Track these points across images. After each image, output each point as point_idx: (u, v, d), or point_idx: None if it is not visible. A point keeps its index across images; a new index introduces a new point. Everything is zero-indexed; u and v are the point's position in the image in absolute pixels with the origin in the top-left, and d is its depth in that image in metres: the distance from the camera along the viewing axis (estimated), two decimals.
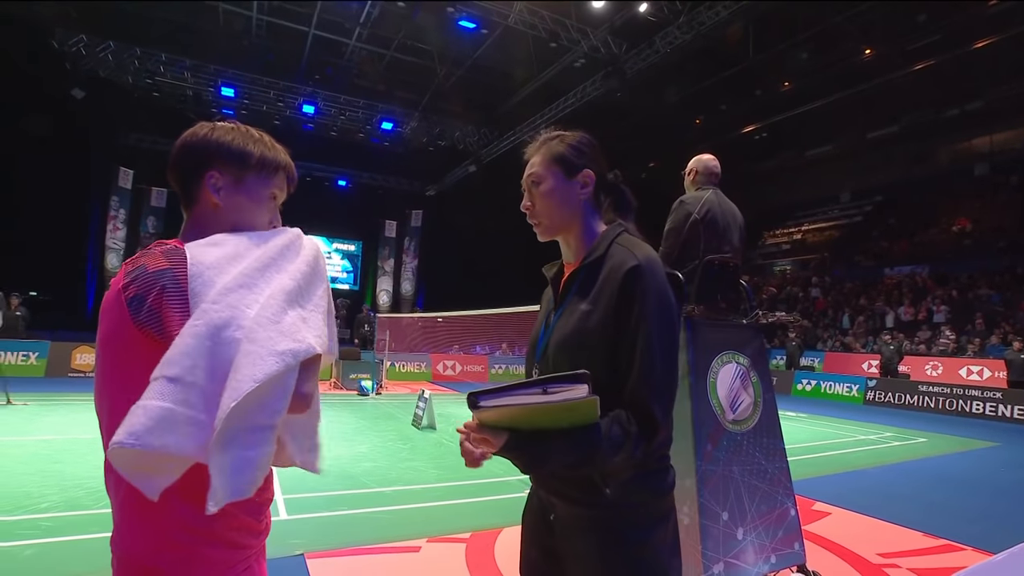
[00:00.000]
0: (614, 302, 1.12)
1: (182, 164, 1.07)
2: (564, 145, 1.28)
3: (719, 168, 3.26)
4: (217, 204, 1.06)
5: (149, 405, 0.83)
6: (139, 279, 0.91)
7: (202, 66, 14.91)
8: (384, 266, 24.35)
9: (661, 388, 1.10)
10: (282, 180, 1.14)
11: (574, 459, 1.06)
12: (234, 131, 1.10)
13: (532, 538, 1.30)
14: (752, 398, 3.02)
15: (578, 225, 1.27)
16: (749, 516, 2.82)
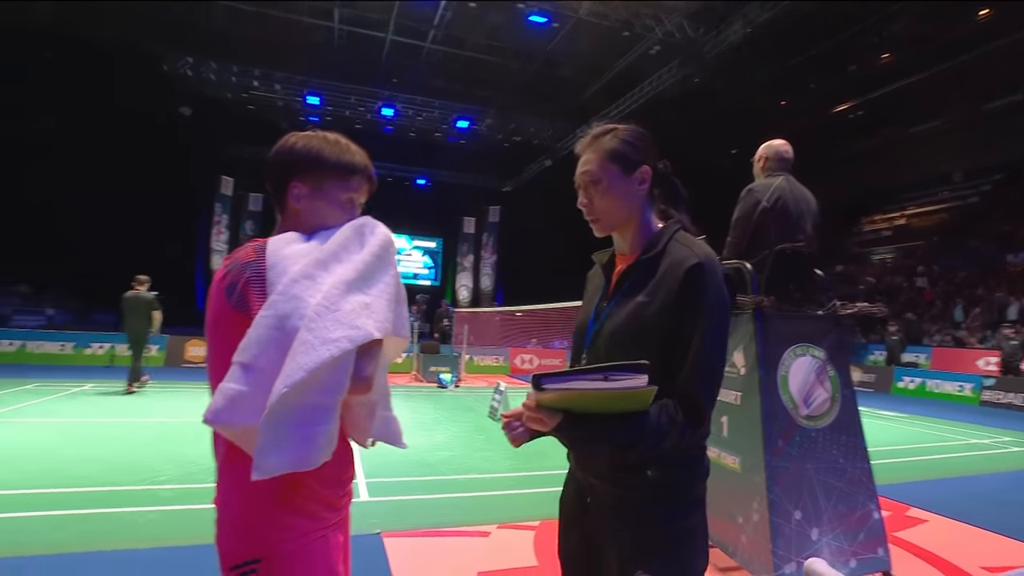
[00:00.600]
0: (673, 297, 1.16)
1: (271, 175, 1.21)
2: (618, 140, 1.27)
3: (791, 153, 3.12)
4: (298, 210, 1.18)
5: (225, 387, 0.95)
6: (233, 270, 1.06)
7: (290, 78, 15.94)
8: (463, 262, 24.94)
9: (710, 382, 1.15)
10: (359, 182, 1.23)
11: (621, 443, 1.11)
12: (313, 140, 1.20)
13: (570, 523, 1.35)
14: (829, 393, 2.89)
15: (636, 220, 1.29)
16: (825, 516, 2.70)
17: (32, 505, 3.62)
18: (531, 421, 1.13)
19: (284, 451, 0.95)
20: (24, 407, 6.81)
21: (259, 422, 0.94)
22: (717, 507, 2.94)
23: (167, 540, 3.17)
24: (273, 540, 1.05)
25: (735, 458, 2.86)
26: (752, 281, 2.90)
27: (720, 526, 2.90)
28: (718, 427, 3.04)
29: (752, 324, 2.85)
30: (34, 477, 4.16)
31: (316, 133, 1.23)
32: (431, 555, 3.17)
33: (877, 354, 14.98)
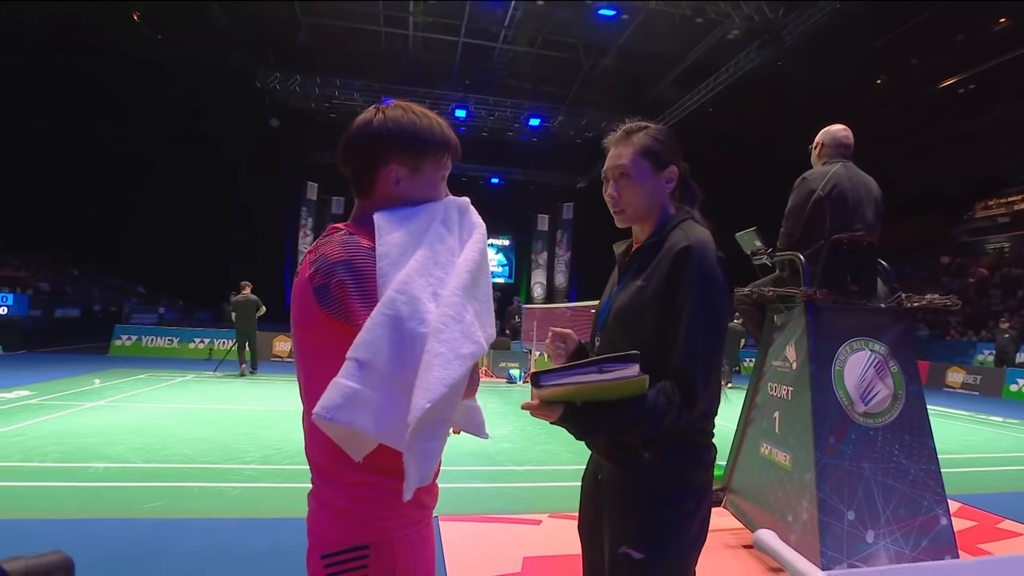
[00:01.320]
0: (664, 280, 1.23)
1: (359, 155, 1.08)
2: (651, 138, 1.34)
3: (851, 139, 2.97)
4: (397, 195, 1.07)
5: (341, 383, 0.88)
6: (321, 269, 0.97)
7: (368, 85, 16.71)
8: (538, 259, 25.06)
9: (702, 361, 1.18)
10: (450, 159, 1.14)
11: (621, 427, 1.18)
12: (405, 114, 1.08)
13: (587, 496, 1.45)
14: (891, 390, 2.73)
15: (656, 215, 1.36)
16: (883, 519, 2.57)
17: (138, 476, 4.12)
18: (537, 415, 1.18)
19: (419, 467, 0.93)
20: (136, 394, 7.67)
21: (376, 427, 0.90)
22: (768, 505, 2.87)
23: (250, 512, 3.54)
24: (385, 527, 1.01)
25: (786, 455, 2.78)
26: (804, 273, 2.80)
27: (770, 524, 2.82)
28: (771, 422, 2.96)
29: (804, 318, 2.75)
30: (141, 453, 4.71)
31: (400, 104, 1.10)
32: (482, 539, 3.31)
33: (986, 353, 13.59)
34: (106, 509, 3.49)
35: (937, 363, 14.14)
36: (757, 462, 3.03)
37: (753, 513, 3.01)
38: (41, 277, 17.50)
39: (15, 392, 7.30)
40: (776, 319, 3.04)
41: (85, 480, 4.01)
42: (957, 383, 13.12)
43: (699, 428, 1.27)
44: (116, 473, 4.19)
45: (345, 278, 0.95)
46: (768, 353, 3.05)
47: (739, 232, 3.16)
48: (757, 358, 3.18)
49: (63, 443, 4.92)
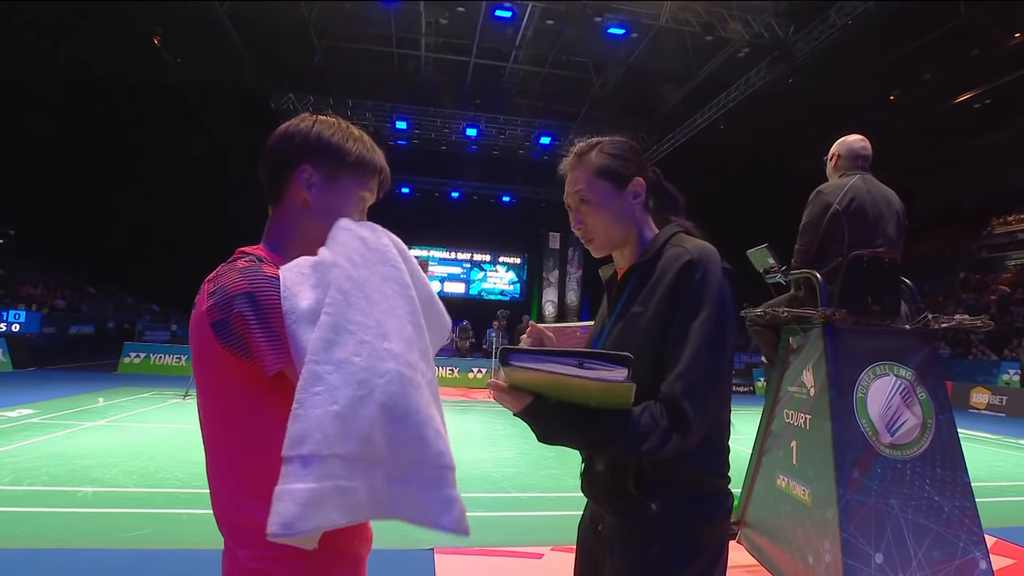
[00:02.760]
0: (665, 300, 1.07)
1: (276, 155, 1.01)
2: (605, 155, 1.21)
3: (868, 150, 2.81)
4: (307, 200, 0.99)
5: (292, 489, 0.73)
6: (220, 303, 0.86)
7: (380, 105, 16.85)
8: (549, 277, 24.90)
9: (697, 386, 1.01)
10: (375, 184, 1.07)
11: (596, 439, 1.03)
12: (335, 126, 1.03)
13: (584, 550, 1.29)
14: (919, 419, 2.52)
15: (634, 235, 1.22)
16: (915, 563, 2.34)
17: (127, 502, 3.98)
18: (500, 399, 1.05)
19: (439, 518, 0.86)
20: (138, 413, 7.58)
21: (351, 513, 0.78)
22: (786, 542, 2.65)
23: None
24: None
25: (805, 488, 2.57)
26: (822, 291, 2.62)
27: (789, 564, 2.60)
28: (787, 452, 2.76)
29: (822, 340, 2.56)
30: (133, 477, 4.58)
31: (332, 119, 1.04)
32: (479, 574, 3.11)
33: (1011, 373, 13.12)
34: (88, 538, 3.34)
35: (960, 383, 13.68)
36: (773, 495, 2.82)
37: (769, 550, 2.79)
38: (58, 295, 17.69)
39: (17, 411, 7.24)
40: (792, 341, 2.85)
41: (72, 506, 3.88)
42: (982, 404, 12.65)
43: (716, 473, 1.11)
44: (105, 498, 4.05)
45: (245, 311, 0.84)
46: (783, 377, 2.86)
47: (751, 249, 2.99)
48: (771, 382, 2.98)
49: (56, 465, 4.80)
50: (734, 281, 1.10)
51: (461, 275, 24.71)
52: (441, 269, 24.39)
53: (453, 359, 14.45)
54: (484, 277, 25.04)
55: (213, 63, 15.20)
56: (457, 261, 24.70)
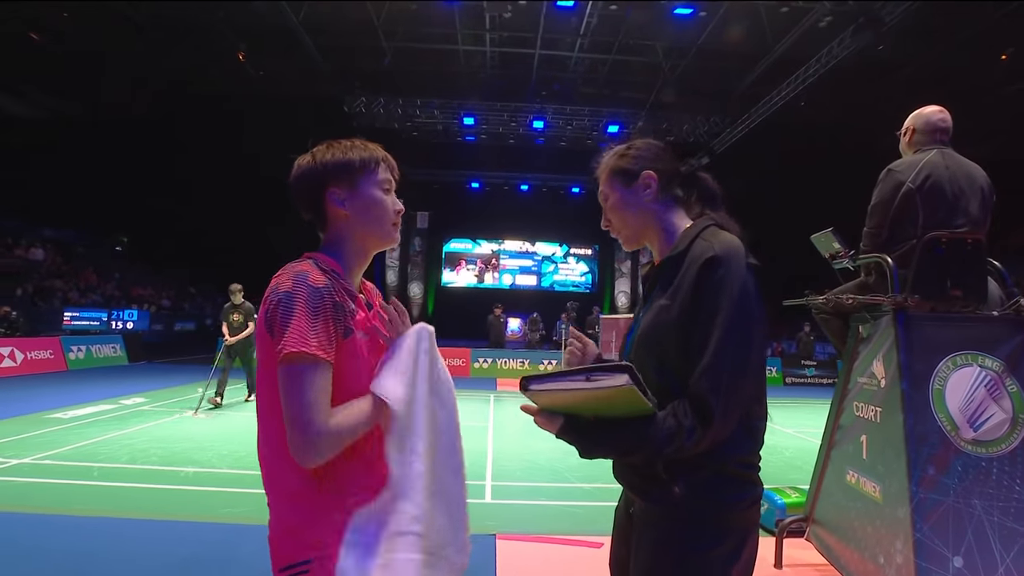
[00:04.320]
0: (689, 295, 1.10)
1: (304, 193, 1.22)
2: (616, 157, 1.32)
3: (948, 122, 2.60)
4: (346, 214, 1.20)
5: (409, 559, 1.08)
6: (269, 296, 1.08)
7: (447, 103, 17.18)
8: (621, 268, 24.52)
9: (724, 383, 1.04)
10: (385, 170, 1.26)
11: (626, 447, 1.09)
12: (332, 149, 1.23)
13: (619, 533, 1.34)
14: (1009, 413, 2.33)
15: (655, 226, 1.29)
16: (1002, 569, 2.17)
17: (222, 481, 4.37)
18: (537, 423, 1.13)
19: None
20: (231, 403, 8.24)
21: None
22: (856, 541, 2.53)
23: None
24: (324, 542, 1.08)
25: (876, 485, 2.43)
26: (893, 276, 2.46)
27: (859, 565, 2.48)
28: (857, 447, 2.62)
29: (893, 328, 2.41)
30: (227, 459, 5.02)
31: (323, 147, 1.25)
32: (538, 560, 3.18)
33: None
34: (190, 512, 3.72)
35: None
36: (843, 491, 2.69)
37: (839, 549, 2.66)
38: (164, 295, 19.45)
39: (132, 399, 8.09)
40: (861, 330, 2.69)
41: (177, 483, 4.32)
42: None
43: (741, 460, 1.12)
44: (203, 477, 4.47)
45: (281, 304, 1.05)
46: (853, 368, 2.71)
47: (815, 234, 2.85)
48: (841, 373, 2.83)
49: (164, 447, 5.35)
50: (760, 276, 1.11)
51: (533, 268, 24.83)
52: (512, 262, 24.63)
53: (524, 351, 14.60)
54: (556, 269, 25.02)
55: (291, 73, 16.08)
56: (528, 254, 24.83)
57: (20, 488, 4.09)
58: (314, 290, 1.06)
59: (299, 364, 1.01)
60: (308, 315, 1.04)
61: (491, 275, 24.38)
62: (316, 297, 1.06)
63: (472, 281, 24.18)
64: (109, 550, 3.11)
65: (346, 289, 1.16)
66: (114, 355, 12.93)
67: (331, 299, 1.08)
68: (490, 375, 13.39)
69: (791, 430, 7.47)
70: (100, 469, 4.59)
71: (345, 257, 1.22)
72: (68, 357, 11.61)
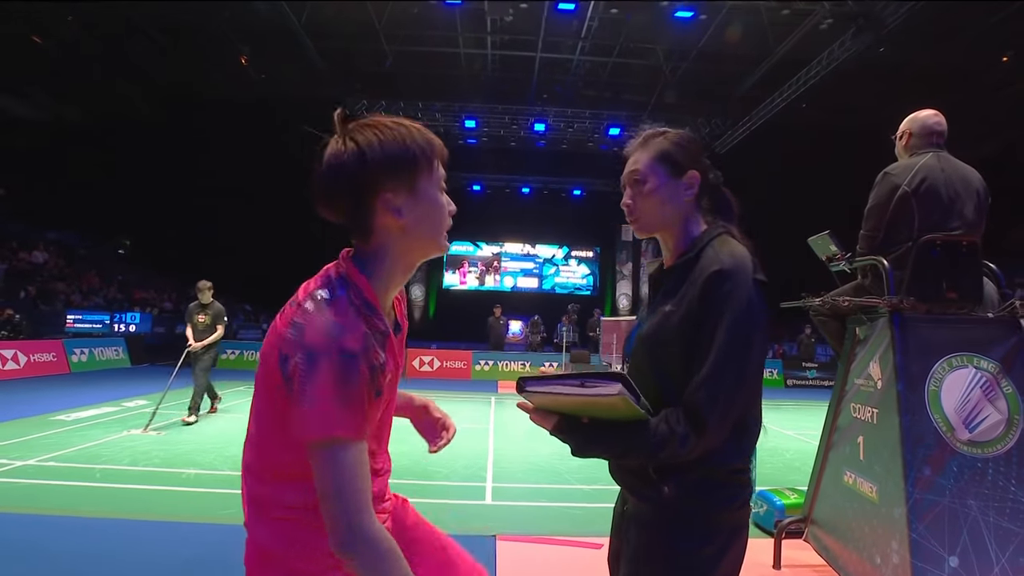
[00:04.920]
0: (694, 306, 1.11)
1: (344, 194, 0.94)
2: (669, 143, 1.24)
3: (943, 125, 2.62)
4: (402, 224, 0.95)
5: None
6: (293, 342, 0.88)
7: (449, 106, 17.24)
8: (623, 270, 24.54)
9: (721, 395, 1.06)
10: (441, 163, 1.02)
11: (618, 449, 1.10)
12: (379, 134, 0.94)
13: (614, 527, 1.36)
14: (1004, 414, 2.34)
15: (678, 226, 1.25)
16: (997, 569, 2.19)
17: (222, 483, 4.39)
18: (533, 419, 1.15)
19: None
20: (233, 404, 8.29)
21: None
22: (854, 542, 2.54)
23: None
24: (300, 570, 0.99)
25: (872, 485, 2.45)
26: (889, 279, 2.48)
27: (857, 565, 2.49)
28: (854, 448, 2.64)
29: (889, 330, 2.43)
30: (229, 461, 5.04)
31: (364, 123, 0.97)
32: (538, 561, 3.19)
33: None
34: (191, 513, 3.74)
35: None
36: (840, 492, 2.70)
37: (837, 550, 2.68)
38: (166, 298, 19.51)
39: (135, 401, 8.13)
40: (858, 331, 2.71)
41: (179, 485, 4.34)
42: None
43: (731, 468, 1.13)
44: (204, 479, 4.50)
45: (306, 366, 0.85)
46: (850, 370, 2.73)
47: (812, 236, 2.87)
48: (838, 375, 2.85)
49: (165, 449, 5.38)
50: (766, 291, 1.12)
51: (534, 270, 24.85)
52: (514, 265, 24.65)
53: (526, 353, 14.62)
54: (557, 272, 25.03)
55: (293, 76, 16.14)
56: (530, 256, 24.85)
57: (25, 489, 4.12)
58: (350, 360, 0.86)
59: (331, 447, 0.86)
60: (337, 390, 0.85)
61: (492, 277, 24.41)
62: (351, 369, 0.86)
63: (474, 283, 24.21)
64: (113, 551, 3.14)
65: (380, 330, 0.93)
66: (116, 358, 12.98)
67: (368, 365, 0.88)
68: (491, 377, 13.40)
69: (792, 432, 7.47)
70: (103, 471, 4.62)
71: (387, 276, 0.99)
72: (71, 360, 11.66)
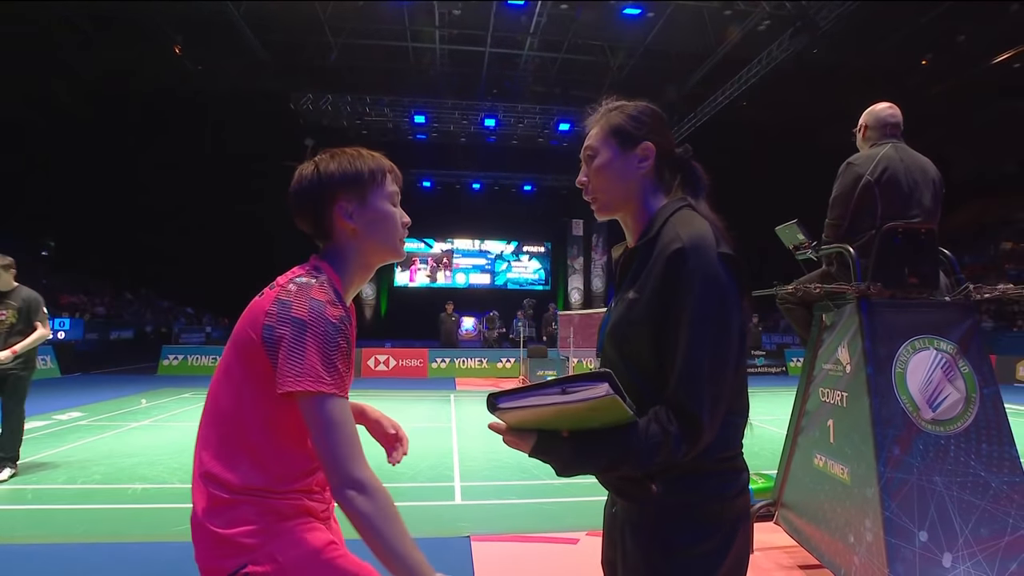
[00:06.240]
0: (656, 290, 1.03)
1: (308, 206, 1.17)
2: (623, 115, 1.17)
3: (898, 117, 2.72)
4: (354, 229, 1.16)
5: None
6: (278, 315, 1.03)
7: (397, 101, 16.91)
8: (574, 264, 24.82)
9: (705, 384, 0.97)
10: (393, 181, 1.23)
11: (608, 461, 0.99)
12: (338, 158, 1.18)
13: (606, 532, 1.28)
14: (962, 393, 2.45)
15: (635, 203, 1.17)
16: (962, 540, 2.28)
17: (173, 497, 4.12)
18: (509, 443, 1.04)
19: None
20: (179, 412, 7.84)
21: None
22: (826, 522, 2.61)
23: None
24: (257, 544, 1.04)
25: (844, 467, 2.52)
26: (855, 266, 2.55)
27: (829, 544, 2.56)
28: (824, 431, 2.71)
29: (857, 315, 2.50)
30: (178, 473, 4.74)
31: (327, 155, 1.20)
32: (516, 560, 3.14)
33: None
34: (140, 532, 3.49)
35: (1005, 356, 13.24)
36: (810, 475, 2.78)
37: (808, 531, 2.75)
38: (98, 302, 18.30)
39: (69, 414, 7.55)
40: (825, 318, 2.78)
41: (123, 502, 4.05)
42: None
43: (717, 456, 1.05)
44: (153, 494, 4.21)
45: (289, 335, 1.01)
46: (817, 355, 2.80)
47: (779, 226, 2.93)
48: (805, 361, 2.92)
49: (107, 464, 5.01)
50: (734, 264, 1.02)
51: (486, 266, 24.77)
52: (466, 261, 24.50)
53: (481, 350, 14.54)
54: (509, 268, 25.04)
55: (233, 67, 15.43)
56: (481, 252, 24.75)
57: None
58: (332, 327, 1.03)
59: (319, 400, 0.99)
60: (323, 351, 1.01)
61: (444, 274, 24.18)
62: (334, 334, 1.03)
63: (425, 281, 23.92)
64: None
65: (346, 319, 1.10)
66: (44, 367, 12.06)
67: (345, 336, 1.05)
68: (448, 375, 13.26)
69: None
70: (34, 491, 4.25)
71: (348, 273, 1.18)
72: None
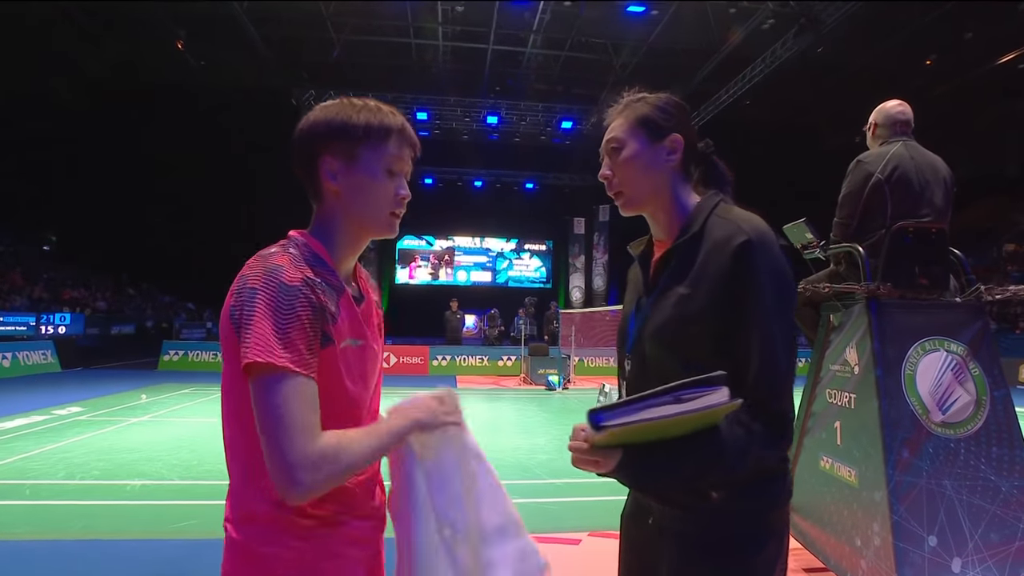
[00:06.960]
0: (722, 284, 0.98)
1: (298, 158, 1.02)
2: (649, 106, 1.12)
3: (908, 114, 2.67)
4: (337, 191, 0.99)
5: None
6: (236, 290, 0.92)
7: (400, 97, 16.83)
8: (575, 263, 24.76)
9: (784, 382, 0.96)
10: (398, 145, 1.02)
11: (694, 472, 0.95)
12: (335, 106, 1.01)
13: (630, 541, 1.20)
14: (973, 395, 2.41)
15: (666, 197, 1.12)
16: (971, 545, 2.25)
17: (172, 494, 4.10)
18: (584, 464, 0.95)
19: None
20: (179, 408, 7.82)
21: None
22: (832, 526, 2.57)
23: None
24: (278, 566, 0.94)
25: (851, 470, 2.48)
26: (864, 266, 2.51)
27: (836, 548, 2.53)
28: (831, 433, 2.67)
29: (866, 316, 2.46)
30: (177, 469, 4.72)
31: (332, 101, 1.03)
32: None
33: None
34: (138, 529, 3.46)
35: (1007, 359, 13.21)
36: (816, 477, 2.74)
37: (814, 534, 2.72)
38: (100, 297, 18.29)
39: (68, 409, 7.53)
40: (833, 318, 2.74)
41: (122, 498, 4.02)
42: None
43: (779, 455, 1.02)
44: (152, 491, 4.19)
45: (245, 303, 0.89)
46: (825, 356, 2.76)
47: (787, 224, 2.89)
48: (812, 361, 2.88)
49: (105, 460, 4.99)
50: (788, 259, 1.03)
51: (487, 264, 24.74)
52: (467, 259, 24.46)
53: (482, 348, 14.51)
54: (510, 265, 25.00)
55: (235, 63, 15.40)
56: (483, 249, 24.71)
57: None
58: (285, 289, 0.89)
59: (268, 376, 0.85)
60: (275, 319, 0.87)
61: (445, 271, 24.15)
62: (287, 297, 0.88)
63: (426, 278, 23.90)
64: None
65: (331, 283, 0.96)
66: (45, 362, 12.05)
67: (307, 300, 0.90)
68: (449, 372, 13.24)
69: None
70: (33, 487, 4.23)
71: (335, 240, 1.02)
72: None
